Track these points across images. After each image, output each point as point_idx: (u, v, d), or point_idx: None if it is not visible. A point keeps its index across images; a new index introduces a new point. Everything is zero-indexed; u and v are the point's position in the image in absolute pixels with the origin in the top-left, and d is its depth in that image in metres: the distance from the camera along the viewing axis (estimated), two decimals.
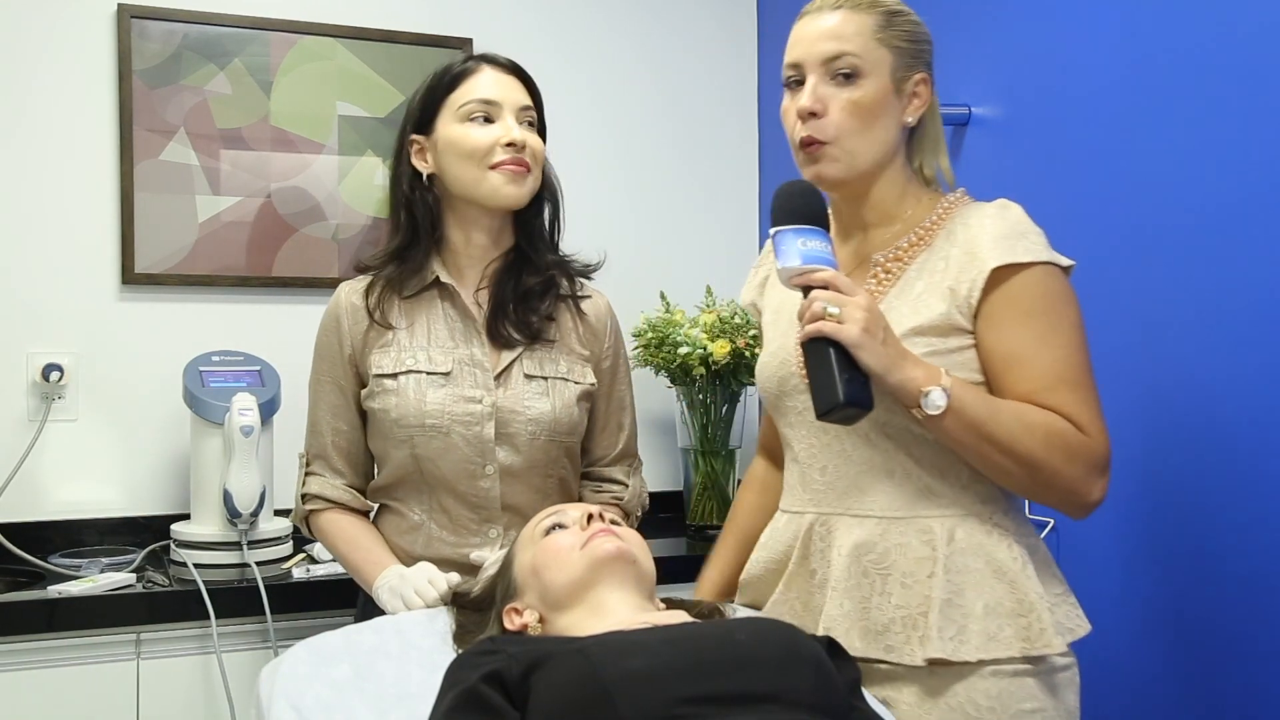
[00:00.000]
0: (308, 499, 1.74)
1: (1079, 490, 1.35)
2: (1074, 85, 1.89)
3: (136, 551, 2.26)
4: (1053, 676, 1.37)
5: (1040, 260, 1.36)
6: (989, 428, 1.32)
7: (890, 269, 1.45)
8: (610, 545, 1.39)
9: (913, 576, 1.39)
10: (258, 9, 2.51)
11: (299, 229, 2.54)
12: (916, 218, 1.47)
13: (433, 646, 1.47)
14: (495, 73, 1.69)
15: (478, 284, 1.72)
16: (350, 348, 1.71)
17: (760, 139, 2.95)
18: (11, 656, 1.93)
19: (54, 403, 2.34)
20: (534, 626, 1.39)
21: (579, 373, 1.73)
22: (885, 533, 1.41)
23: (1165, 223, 1.72)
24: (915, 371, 1.31)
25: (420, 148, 1.71)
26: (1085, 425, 1.34)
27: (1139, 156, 1.76)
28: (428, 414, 1.64)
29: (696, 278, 2.67)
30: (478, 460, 1.66)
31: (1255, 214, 1.57)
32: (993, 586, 1.37)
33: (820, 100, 1.41)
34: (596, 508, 1.47)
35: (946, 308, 1.38)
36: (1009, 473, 1.35)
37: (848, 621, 1.41)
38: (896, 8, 1.44)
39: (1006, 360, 1.37)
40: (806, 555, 1.48)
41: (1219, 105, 1.63)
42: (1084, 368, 1.37)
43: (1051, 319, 1.36)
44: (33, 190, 2.37)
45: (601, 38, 2.80)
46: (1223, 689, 1.63)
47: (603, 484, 1.81)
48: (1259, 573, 1.57)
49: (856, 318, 1.28)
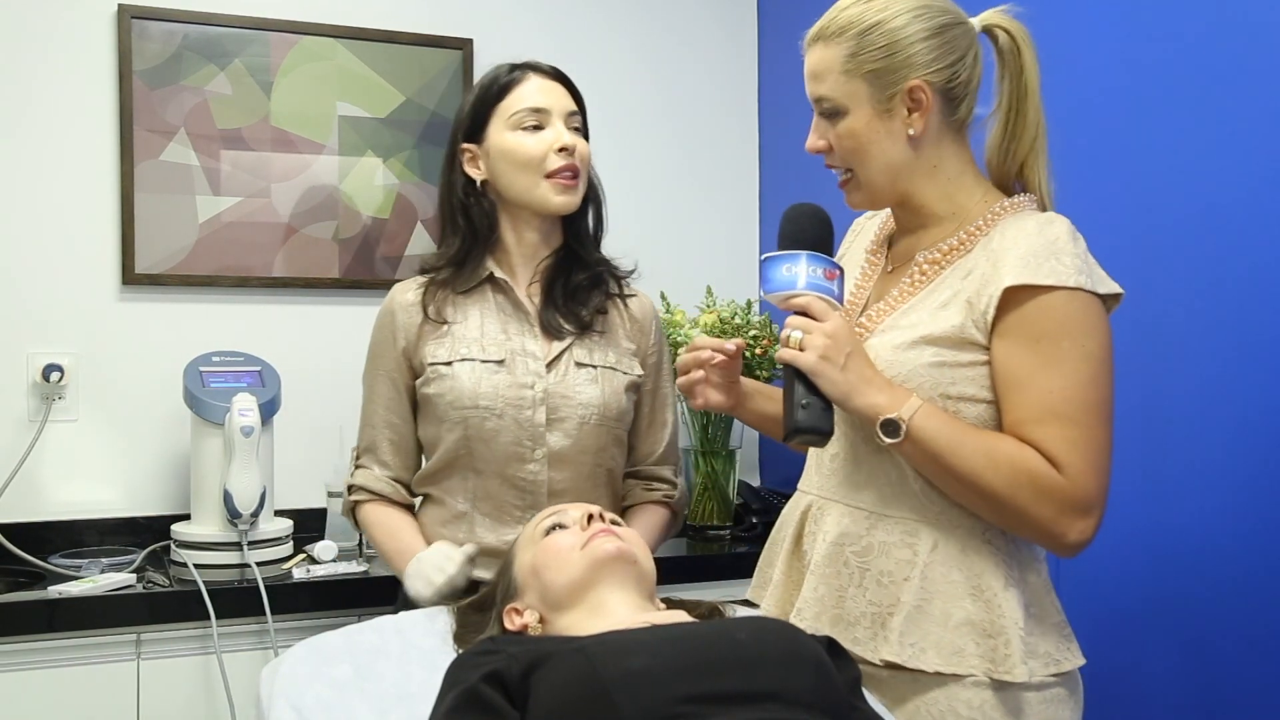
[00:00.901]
0: (353, 490, 1.80)
1: (1051, 531, 1.31)
2: (1074, 86, 1.89)
3: (137, 552, 2.26)
4: (1023, 694, 1.34)
5: (1064, 285, 1.29)
6: (949, 460, 1.30)
7: (927, 271, 1.42)
8: (610, 545, 1.39)
9: (890, 576, 1.38)
10: (258, 9, 2.52)
11: (299, 229, 2.54)
12: (968, 217, 1.42)
13: (433, 647, 1.47)
14: (542, 80, 1.75)
15: (529, 280, 1.78)
16: (405, 341, 1.76)
17: (760, 139, 2.95)
18: (12, 657, 1.93)
19: (54, 403, 2.34)
20: (534, 626, 1.39)
21: (626, 364, 1.79)
22: (872, 528, 1.40)
23: (1165, 223, 1.72)
24: (878, 398, 1.31)
25: (472, 155, 1.77)
26: (1065, 465, 1.29)
27: (1138, 156, 1.76)
28: (482, 395, 1.69)
29: (696, 278, 2.67)
30: (528, 444, 1.70)
31: (1255, 214, 1.57)
32: (966, 603, 1.34)
33: (822, 138, 1.43)
34: (597, 508, 1.47)
35: (962, 320, 1.35)
36: (976, 505, 1.34)
37: (819, 606, 1.42)
38: (871, 22, 1.37)
39: (1006, 384, 1.33)
40: (800, 537, 1.49)
41: (1219, 105, 1.63)
42: (1084, 404, 1.30)
43: (1061, 348, 1.29)
44: (33, 191, 2.37)
45: (601, 38, 2.80)
46: (1227, 693, 1.62)
47: (652, 481, 1.85)
48: (1261, 576, 1.57)
49: (817, 345, 1.30)
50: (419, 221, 2.64)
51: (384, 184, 2.62)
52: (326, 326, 2.57)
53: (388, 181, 2.62)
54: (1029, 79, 1.40)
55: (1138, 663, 1.75)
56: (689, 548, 2.49)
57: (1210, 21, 1.64)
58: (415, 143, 2.64)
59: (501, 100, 1.74)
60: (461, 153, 1.77)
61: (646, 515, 1.81)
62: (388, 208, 2.62)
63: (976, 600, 1.34)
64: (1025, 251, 1.32)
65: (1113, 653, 1.78)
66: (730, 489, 2.60)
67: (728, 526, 2.58)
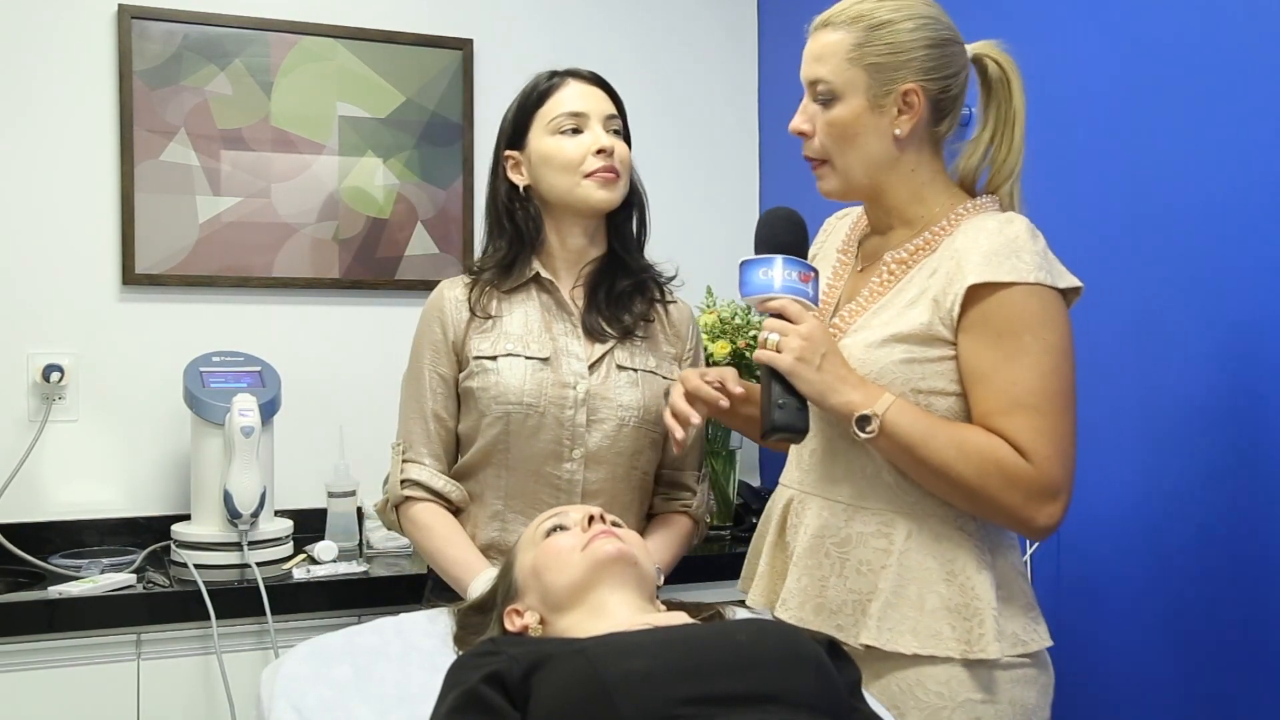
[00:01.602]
0: (406, 484, 1.76)
1: (1020, 516, 1.37)
2: (1073, 86, 1.89)
3: (137, 552, 2.26)
4: (992, 673, 1.40)
5: (1024, 281, 1.36)
6: (921, 452, 1.37)
7: (895, 270, 1.48)
8: (611, 547, 1.39)
9: (868, 565, 1.44)
10: (258, 9, 2.51)
11: (299, 229, 2.54)
12: (932, 220, 1.48)
13: (433, 648, 1.47)
14: (580, 85, 1.78)
15: (574, 283, 1.81)
16: (454, 334, 1.78)
17: (760, 139, 2.95)
18: (12, 657, 1.93)
19: (54, 403, 2.35)
20: (535, 628, 1.39)
21: (666, 369, 1.81)
22: (850, 520, 1.47)
23: (1164, 222, 1.72)
24: (853, 395, 1.37)
25: (515, 162, 1.80)
26: (1031, 452, 1.35)
27: (1138, 156, 1.77)
28: (526, 392, 1.71)
29: (696, 278, 2.67)
30: (566, 443, 1.72)
31: (1254, 214, 1.57)
32: (941, 587, 1.41)
33: (809, 120, 1.48)
34: (597, 509, 1.47)
35: (929, 318, 1.41)
36: (948, 494, 1.40)
37: (803, 596, 1.49)
38: (882, 19, 1.43)
39: (972, 378, 1.40)
40: (783, 529, 1.56)
41: (1218, 105, 1.63)
42: (1048, 393, 1.36)
43: (1022, 341, 1.36)
44: (33, 191, 2.37)
45: (602, 38, 2.80)
46: (1225, 690, 1.63)
47: (673, 490, 1.86)
48: (1260, 574, 1.57)
49: (793, 347, 1.37)
50: (419, 222, 2.64)
51: (384, 184, 2.62)
52: (327, 327, 2.57)
53: (388, 182, 2.62)
54: (1017, 108, 1.48)
55: (1128, 652, 1.76)
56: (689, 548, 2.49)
57: (1210, 22, 1.64)
58: (415, 143, 2.64)
59: (541, 106, 1.77)
60: (505, 160, 1.80)
61: (668, 526, 1.82)
62: (388, 208, 2.62)
63: (951, 584, 1.41)
64: (986, 250, 1.38)
65: (1103, 641, 1.78)
66: (730, 489, 2.60)
67: (728, 526, 2.58)
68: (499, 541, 1.72)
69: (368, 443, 2.40)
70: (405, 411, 1.81)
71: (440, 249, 2.64)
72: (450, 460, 1.80)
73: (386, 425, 1.88)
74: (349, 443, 2.45)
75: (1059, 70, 1.93)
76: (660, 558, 1.69)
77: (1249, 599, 1.58)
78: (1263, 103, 1.57)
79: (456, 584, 1.69)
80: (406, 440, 1.79)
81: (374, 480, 2.31)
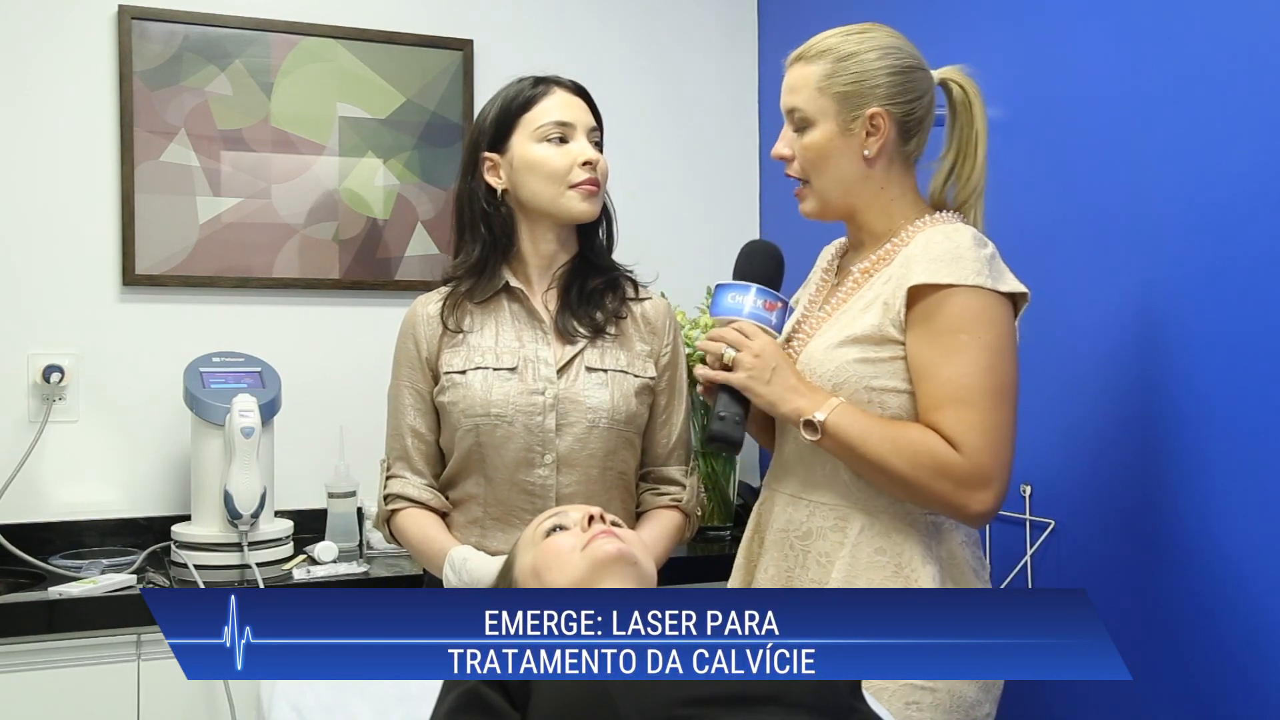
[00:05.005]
0: (390, 499, 1.80)
1: (953, 503, 1.47)
2: (1072, 88, 1.89)
3: (137, 553, 2.26)
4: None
5: (963, 284, 1.46)
6: (861, 449, 1.48)
7: (859, 280, 1.61)
8: (611, 547, 1.39)
9: (826, 557, 1.56)
10: (258, 10, 2.52)
11: (299, 230, 2.54)
12: (895, 233, 1.59)
13: None
14: (565, 95, 1.80)
15: (545, 287, 1.82)
16: (427, 351, 1.81)
17: (760, 139, 2.95)
18: (12, 658, 1.93)
19: (55, 404, 2.35)
20: None
21: (639, 367, 1.81)
22: (811, 515, 1.59)
23: (1164, 222, 1.72)
24: (800, 402, 1.51)
25: (493, 164, 1.80)
26: (961, 444, 1.45)
27: (1137, 158, 1.77)
28: (493, 404, 1.73)
29: (696, 278, 2.67)
30: (538, 449, 1.73)
31: (1255, 214, 1.57)
32: (888, 579, 1.50)
33: (789, 145, 1.61)
34: (597, 509, 1.47)
35: (880, 320, 1.52)
36: (888, 486, 1.50)
37: (771, 585, 1.60)
38: (848, 51, 1.55)
39: (916, 374, 1.51)
40: (759, 525, 1.69)
41: (1218, 106, 1.63)
42: (981, 389, 1.46)
43: (959, 340, 1.46)
44: (34, 191, 2.37)
45: (602, 38, 2.80)
46: (1218, 688, 1.63)
47: (661, 485, 1.87)
48: (1256, 574, 1.57)
49: (746, 363, 1.52)
50: (419, 222, 2.65)
51: (384, 185, 2.62)
52: (327, 327, 2.57)
53: (388, 182, 2.62)
54: (979, 129, 1.59)
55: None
56: (689, 548, 2.49)
57: (1210, 23, 1.64)
58: (415, 143, 2.64)
59: (526, 112, 1.78)
60: (482, 161, 1.80)
61: (657, 521, 1.83)
62: (388, 208, 2.62)
63: (898, 575, 1.51)
64: (932, 256, 1.50)
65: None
66: (730, 489, 2.60)
67: (728, 527, 2.58)
68: (479, 548, 1.73)
69: (368, 443, 2.38)
70: (388, 428, 1.85)
71: (440, 250, 2.64)
72: (434, 472, 1.82)
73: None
74: (349, 443, 2.45)
75: (1059, 73, 1.93)
76: (652, 553, 1.70)
77: (1247, 598, 1.58)
78: (1263, 102, 1.57)
79: (434, 568, 1.73)
80: (389, 456, 1.84)
81: (374, 481, 2.30)
